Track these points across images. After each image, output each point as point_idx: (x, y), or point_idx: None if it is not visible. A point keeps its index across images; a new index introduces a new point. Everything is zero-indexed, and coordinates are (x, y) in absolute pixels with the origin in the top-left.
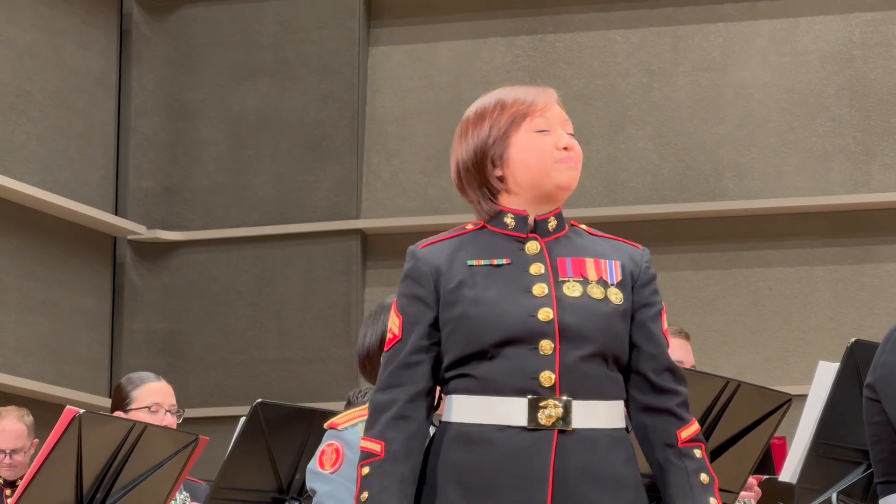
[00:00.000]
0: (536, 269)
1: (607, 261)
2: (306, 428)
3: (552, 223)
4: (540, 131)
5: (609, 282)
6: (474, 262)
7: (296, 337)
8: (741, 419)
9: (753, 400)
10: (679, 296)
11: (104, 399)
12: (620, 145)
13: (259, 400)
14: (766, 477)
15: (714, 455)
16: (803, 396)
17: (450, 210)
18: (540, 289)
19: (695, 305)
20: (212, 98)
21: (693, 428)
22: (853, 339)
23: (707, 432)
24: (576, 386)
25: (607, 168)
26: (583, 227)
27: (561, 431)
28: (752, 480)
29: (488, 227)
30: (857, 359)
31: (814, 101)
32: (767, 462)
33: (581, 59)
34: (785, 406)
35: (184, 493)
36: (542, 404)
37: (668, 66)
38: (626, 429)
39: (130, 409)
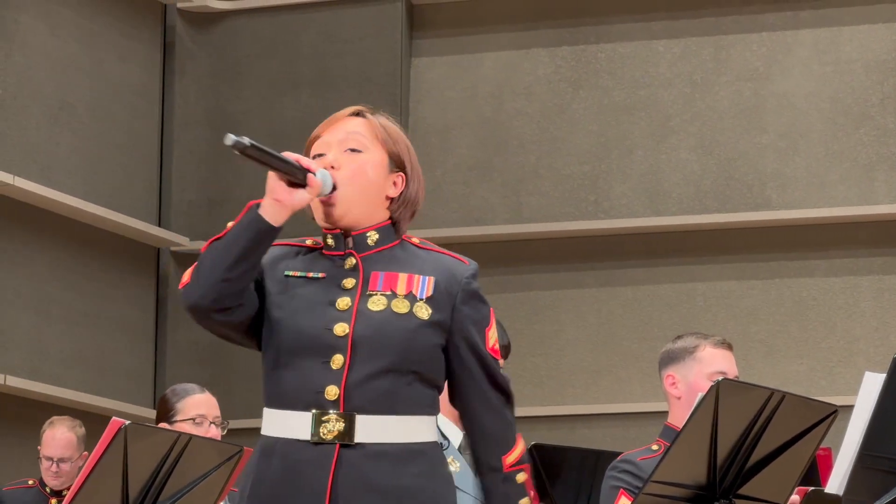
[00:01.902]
0: (348, 283)
1: (421, 276)
2: None
3: (373, 237)
4: (315, 157)
5: (418, 297)
6: (291, 273)
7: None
8: (786, 430)
9: (798, 411)
10: (722, 306)
11: (148, 410)
12: (663, 156)
13: None
14: (812, 489)
15: (759, 467)
16: (849, 407)
17: (492, 220)
18: (343, 302)
19: (738, 315)
20: (254, 109)
21: (517, 452)
22: None
23: (752, 444)
24: (363, 401)
25: (650, 178)
26: (415, 240)
27: (344, 446)
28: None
29: (322, 249)
30: None
31: (858, 111)
32: (813, 474)
33: (623, 70)
34: (831, 417)
35: (228, 503)
36: (324, 419)
37: (710, 76)
38: (441, 444)
39: (175, 421)
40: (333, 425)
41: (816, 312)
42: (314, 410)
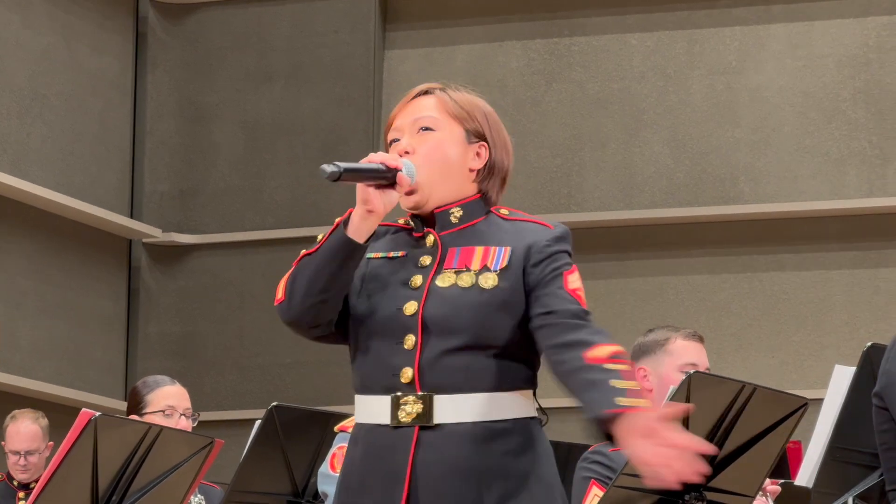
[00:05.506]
0: (425, 260)
1: (498, 247)
2: (321, 431)
3: (456, 214)
4: (391, 143)
5: (492, 268)
6: (373, 256)
7: (311, 340)
8: (757, 423)
9: (769, 404)
10: (694, 299)
11: (119, 402)
12: (635, 149)
13: (274, 403)
14: (782, 481)
15: (729, 460)
16: (819, 400)
17: None
18: (416, 280)
19: (710, 309)
20: (227, 101)
21: (603, 350)
22: (869, 343)
23: (723, 437)
24: (440, 381)
25: (622, 172)
26: (503, 211)
27: (423, 427)
28: (774, 487)
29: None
30: (873, 363)
31: (829, 105)
32: (783, 466)
33: (596, 63)
34: (801, 410)
35: (198, 496)
36: (402, 401)
37: (683, 70)
38: (539, 419)
39: (145, 413)
40: (412, 407)
41: (788, 306)
42: (392, 394)
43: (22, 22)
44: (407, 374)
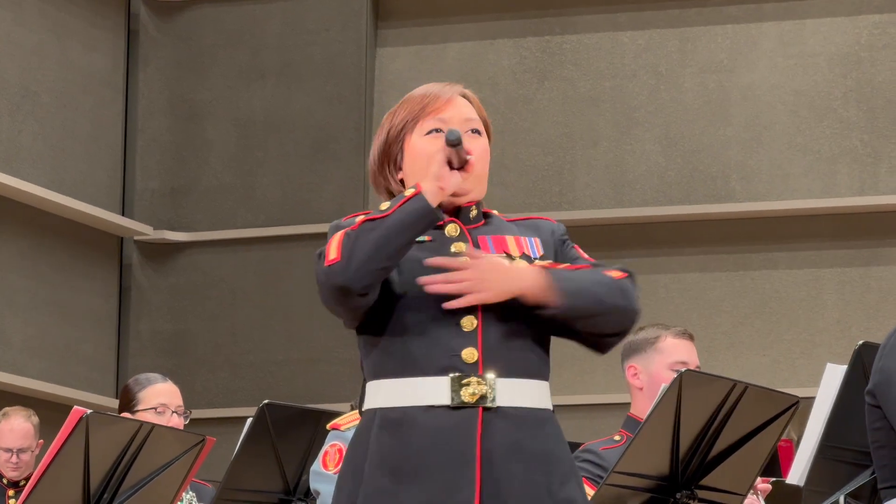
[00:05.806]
0: (458, 247)
1: (527, 238)
2: (313, 429)
3: (473, 212)
4: (431, 132)
5: (532, 256)
6: None
7: (302, 338)
8: (748, 422)
9: (761, 402)
10: (686, 298)
11: (110, 399)
12: (627, 147)
13: (266, 401)
14: (774, 479)
15: (721, 458)
16: (811, 399)
17: None
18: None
19: (702, 307)
20: (219, 99)
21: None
22: (861, 342)
23: (714, 435)
24: (500, 363)
25: (614, 170)
26: (495, 213)
27: (486, 409)
28: (765, 485)
29: None
30: (864, 361)
31: (821, 104)
32: (774, 465)
33: (588, 61)
34: (792, 408)
35: (190, 493)
36: (465, 382)
37: (675, 68)
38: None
39: (137, 411)
40: (476, 388)
41: (779, 304)
42: (452, 374)
43: (14, 19)
44: (470, 355)
